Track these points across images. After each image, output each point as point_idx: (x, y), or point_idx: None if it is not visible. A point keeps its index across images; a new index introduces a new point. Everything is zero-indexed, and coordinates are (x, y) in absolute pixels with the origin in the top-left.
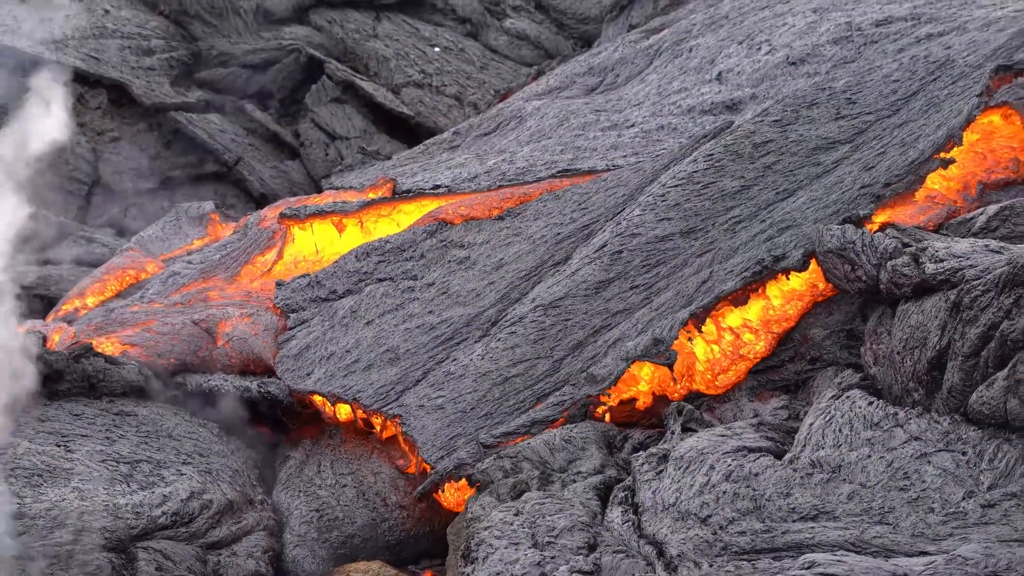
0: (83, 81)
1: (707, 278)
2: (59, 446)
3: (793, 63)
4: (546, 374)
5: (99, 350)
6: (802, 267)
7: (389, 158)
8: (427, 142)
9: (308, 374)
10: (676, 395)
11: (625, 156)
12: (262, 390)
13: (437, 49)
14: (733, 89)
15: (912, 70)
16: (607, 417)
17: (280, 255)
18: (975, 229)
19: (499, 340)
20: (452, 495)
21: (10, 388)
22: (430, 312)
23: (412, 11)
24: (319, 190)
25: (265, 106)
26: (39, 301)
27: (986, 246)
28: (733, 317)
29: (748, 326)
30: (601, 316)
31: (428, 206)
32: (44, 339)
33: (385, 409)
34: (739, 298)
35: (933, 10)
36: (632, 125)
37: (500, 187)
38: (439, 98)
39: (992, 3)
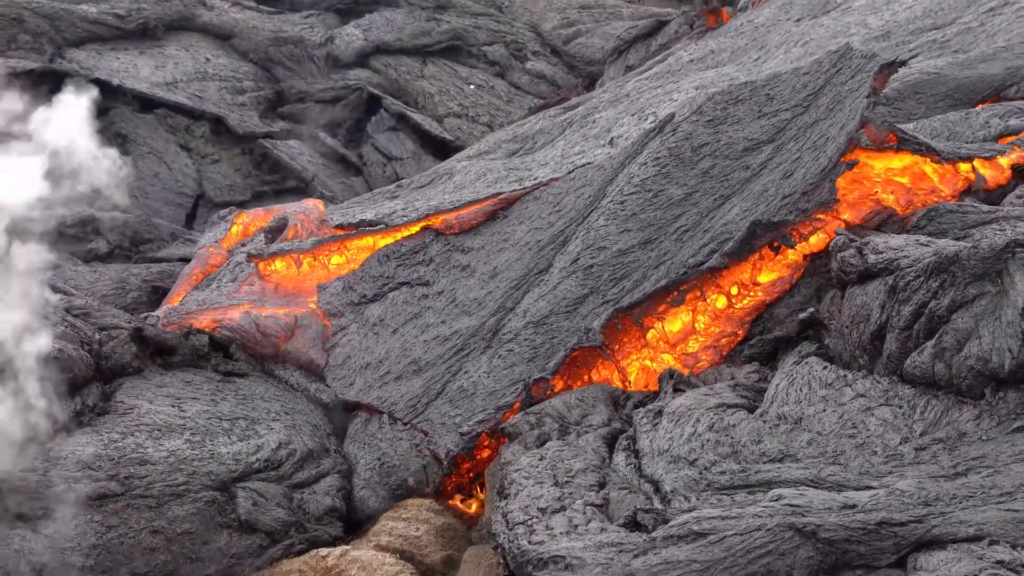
0: (189, 115)
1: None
2: (174, 407)
3: None
4: None
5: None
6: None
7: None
8: (375, 191)
9: (351, 384)
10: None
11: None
12: (317, 395)
13: (472, 86)
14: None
15: (819, 62)
16: None
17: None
18: (908, 227)
19: (500, 357)
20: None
21: None
22: (442, 322)
23: (452, 56)
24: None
25: (334, 133)
26: (155, 292)
27: (917, 240)
28: (699, 341)
29: (724, 334)
30: (580, 333)
31: (375, 241)
32: (161, 322)
33: (415, 422)
34: (676, 298)
35: None
36: (535, 180)
37: (418, 219)
38: (474, 126)
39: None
